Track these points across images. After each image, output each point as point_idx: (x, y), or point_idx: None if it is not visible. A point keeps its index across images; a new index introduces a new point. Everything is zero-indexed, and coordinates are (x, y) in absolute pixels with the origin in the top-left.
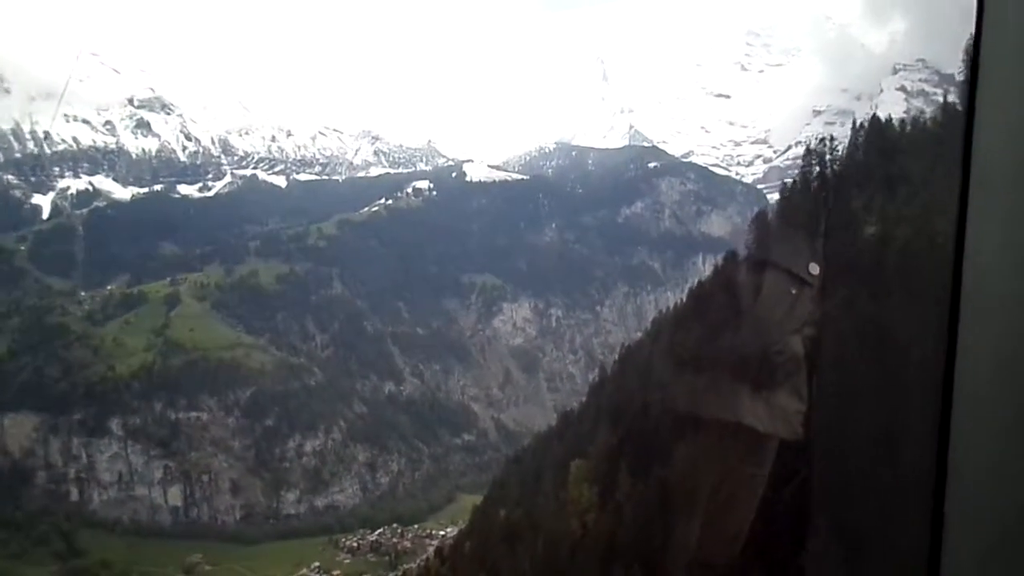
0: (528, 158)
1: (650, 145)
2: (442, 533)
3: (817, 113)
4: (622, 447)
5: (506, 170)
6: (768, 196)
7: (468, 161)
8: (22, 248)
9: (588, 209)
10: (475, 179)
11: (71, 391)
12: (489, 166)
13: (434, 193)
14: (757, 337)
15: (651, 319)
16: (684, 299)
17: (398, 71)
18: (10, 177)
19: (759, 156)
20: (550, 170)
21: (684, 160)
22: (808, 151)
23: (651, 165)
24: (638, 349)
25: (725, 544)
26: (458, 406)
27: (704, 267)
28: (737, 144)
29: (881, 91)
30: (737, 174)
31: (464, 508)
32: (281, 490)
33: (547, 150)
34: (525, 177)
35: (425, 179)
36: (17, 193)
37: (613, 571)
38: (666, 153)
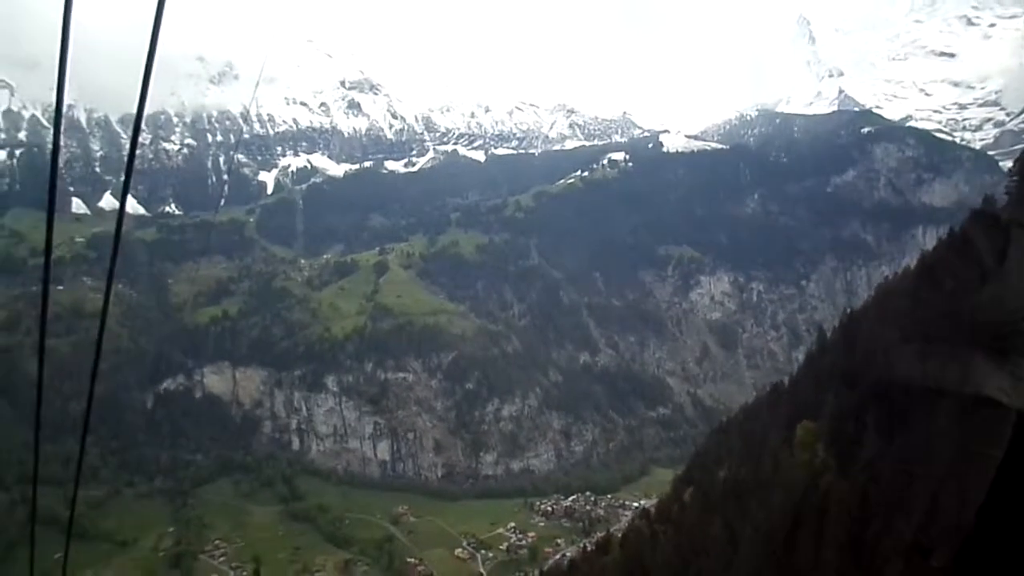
0: (728, 127)
1: (862, 110)
2: (636, 504)
3: None
4: (861, 410)
5: (704, 139)
6: (1000, 163)
7: (664, 131)
8: (251, 220)
9: (794, 178)
10: (672, 149)
11: (293, 349)
12: (687, 136)
13: (630, 164)
14: (1001, 304)
15: (876, 286)
16: (915, 264)
17: (592, 43)
18: (240, 157)
19: (989, 119)
20: (752, 139)
21: (902, 125)
22: None
23: (864, 131)
24: (863, 316)
25: (949, 530)
26: (653, 379)
27: (925, 240)
28: (962, 107)
29: None
30: (963, 140)
31: (658, 481)
32: (480, 451)
33: (748, 118)
34: (725, 146)
35: (621, 150)
36: (246, 171)
37: (870, 528)
38: (881, 118)
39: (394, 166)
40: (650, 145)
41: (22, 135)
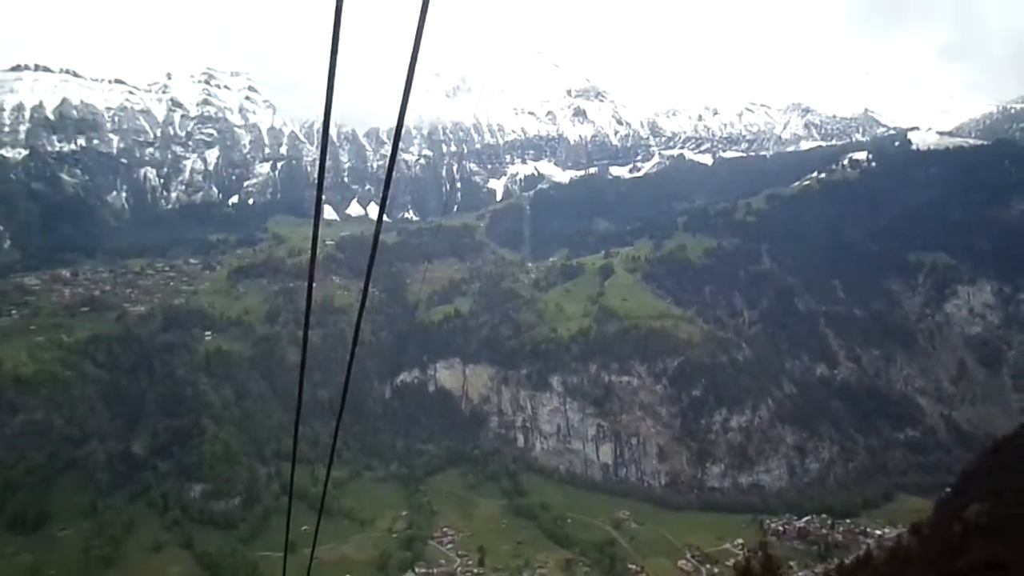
0: (988, 121)
1: None
2: (879, 532)
3: None
4: None
5: (960, 135)
6: None
7: (913, 128)
8: (481, 225)
9: None
10: (922, 147)
11: (519, 348)
12: (939, 132)
13: (873, 164)
14: None
15: None
16: None
17: (828, 38)
18: (472, 165)
19: None
20: (1018, 133)
21: None
22: None
23: None
24: None
25: None
26: (900, 397)
27: None
28: None
29: None
30: None
31: (905, 509)
32: (706, 462)
33: (1012, 111)
34: (985, 142)
35: (863, 150)
36: (477, 179)
37: None
38: None
39: (619, 171)
40: (897, 143)
41: (283, 149)
